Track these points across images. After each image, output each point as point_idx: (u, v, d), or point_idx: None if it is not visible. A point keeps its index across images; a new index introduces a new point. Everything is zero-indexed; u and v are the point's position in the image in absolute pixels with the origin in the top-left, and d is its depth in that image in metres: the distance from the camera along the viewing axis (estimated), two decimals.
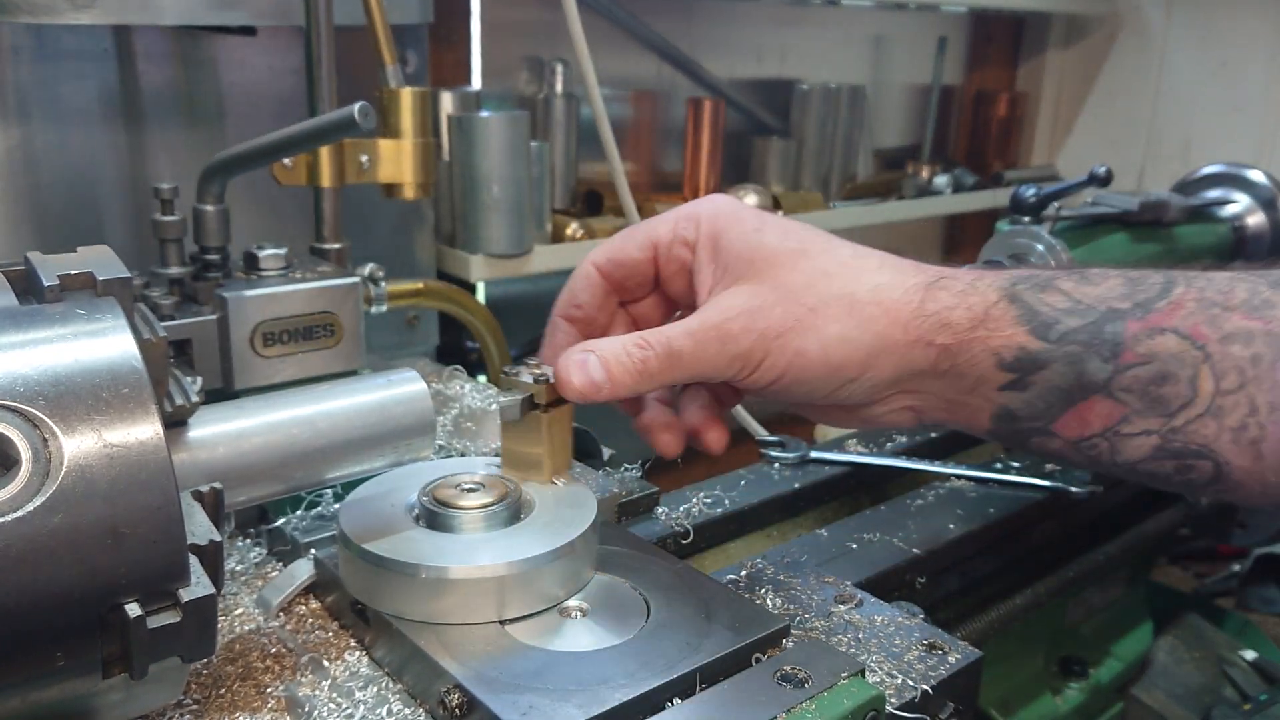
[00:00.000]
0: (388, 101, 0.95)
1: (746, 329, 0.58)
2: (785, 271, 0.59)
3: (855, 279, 0.59)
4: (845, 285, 0.59)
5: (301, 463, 0.57)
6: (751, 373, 0.59)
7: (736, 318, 0.58)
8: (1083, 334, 0.56)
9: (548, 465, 0.62)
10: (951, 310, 0.58)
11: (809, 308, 0.58)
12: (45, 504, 0.40)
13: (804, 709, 0.49)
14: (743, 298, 0.59)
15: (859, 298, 0.58)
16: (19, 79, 0.93)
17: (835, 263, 0.60)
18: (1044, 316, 0.57)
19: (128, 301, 0.48)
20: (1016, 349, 0.56)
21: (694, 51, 1.62)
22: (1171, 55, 1.98)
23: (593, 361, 0.59)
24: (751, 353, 0.58)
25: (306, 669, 0.56)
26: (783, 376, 0.58)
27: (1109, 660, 1.12)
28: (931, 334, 0.57)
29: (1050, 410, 0.57)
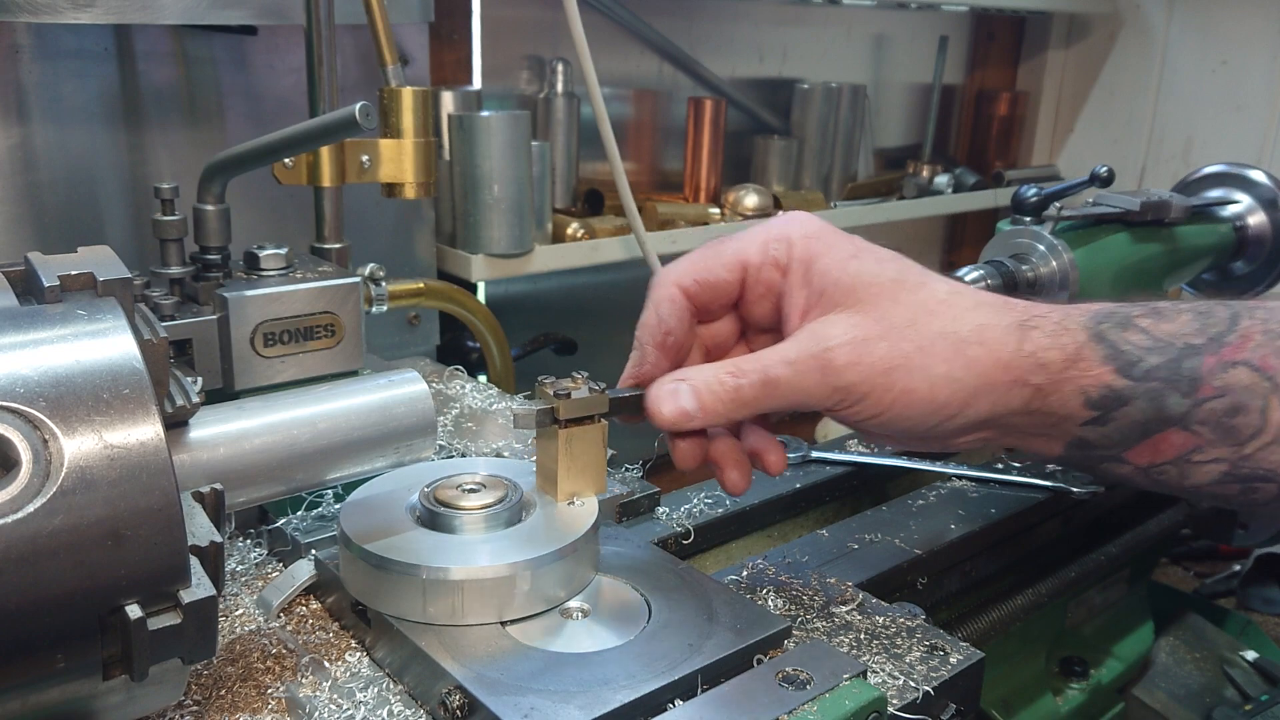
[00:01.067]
0: (389, 101, 0.95)
1: (852, 363, 0.57)
2: (886, 303, 0.59)
3: (957, 318, 0.59)
4: (949, 324, 0.58)
5: (302, 463, 0.57)
6: (851, 406, 0.58)
7: (840, 348, 0.57)
8: (1163, 370, 0.57)
9: (562, 484, 0.61)
10: (1047, 351, 0.58)
11: (916, 346, 0.57)
12: (46, 505, 0.40)
13: (806, 710, 0.49)
14: (844, 328, 0.58)
15: (963, 337, 0.58)
16: (20, 79, 0.93)
17: (935, 299, 0.59)
18: (1128, 355, 0.58)
19: (128, 302, 0.48)
20: (1103, 387, 0.57)
21: (695, 51, 1.62)
22: (1172, 55, 1.98)
23: (684, 391, 0.58)
24: (856, 387, 0.57)
25: (307, 670, 0.56)
26: (884, 412, 0.58)
27: (1110, 661, 1.12)
28: (1029, 374, 0.58)
29: (1125, 441, 0.58)
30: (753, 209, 1.55)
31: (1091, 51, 2.10)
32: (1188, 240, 1.26)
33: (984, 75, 2.16)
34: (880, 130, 1.96)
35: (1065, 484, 0.88)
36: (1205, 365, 0.56)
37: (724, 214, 1.55)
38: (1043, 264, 1.15)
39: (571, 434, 0.59)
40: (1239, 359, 0.56)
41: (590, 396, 0.58)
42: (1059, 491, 0.87)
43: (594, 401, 0.59)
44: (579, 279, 1.56)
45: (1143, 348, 0.58)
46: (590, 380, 0.60)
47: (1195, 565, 1.84)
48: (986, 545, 0.83)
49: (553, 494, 0.61)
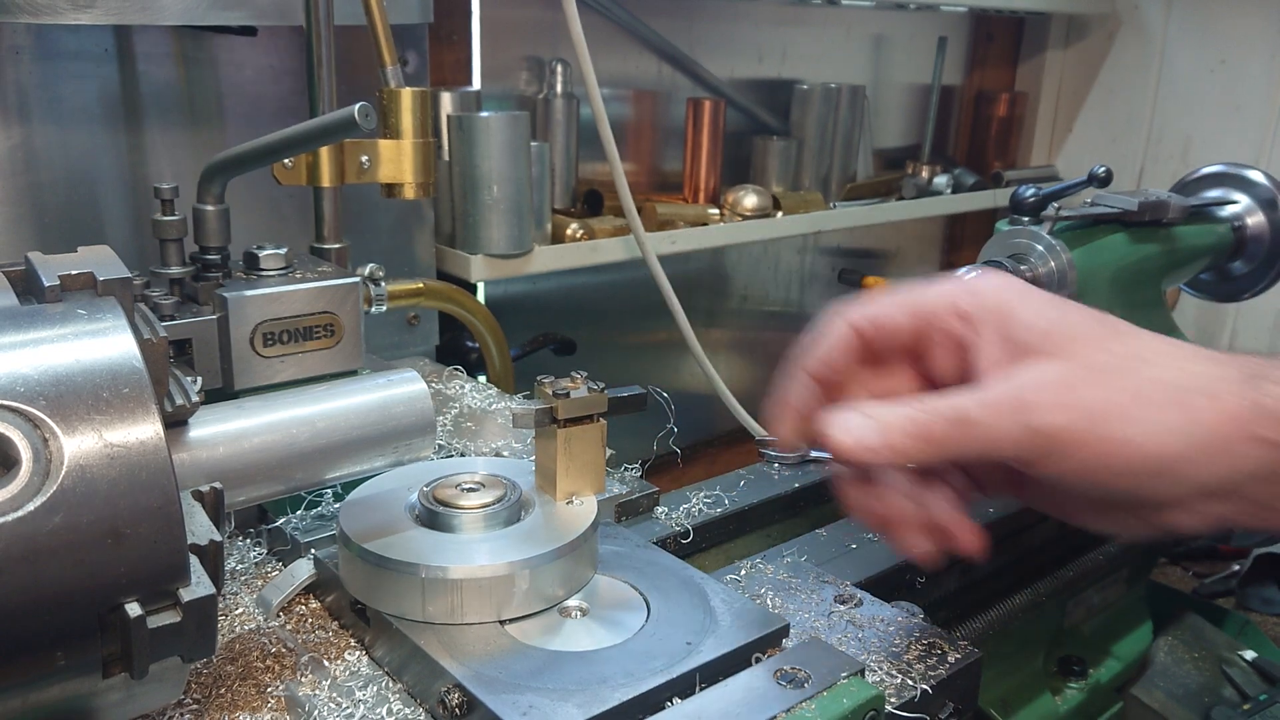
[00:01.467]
0: (388, 101, 0.95)
1: (1057, 404, 0.51)
2: (1093, 350, 0.53)
3: (1176, 367, 0.53)
4: (1166, 372, 0.52)
5: (301, 463, 0.57)
6: (1050, 455, 0.51)
7: (1042, 390, 0.52)
8: None
9: (561, 483, 0.61)
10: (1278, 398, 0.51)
11: (1132, 393, 0.51)
12: (46, 504, 0.40)
13: (804, 708, 0.49)
14: (1046, 372, 0.52)
15: (1185, 386, 0.52)
16: (20, 79, 0.93)
17: (1149, 348, 0.54)
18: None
19: (128, 301, 0.48)
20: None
21: (694, 51, 1.62)
22: (1171, 54, 1.98)
23: (865, 424, 0.53)
24: (1059, 433, 0.51)
25: (306, 668, 0.56)
26: (1089, 465, 0.51)
27: (1108, 660, 1.12)
28: (1267, 429, 0.50)
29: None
30: (752, 209, 1.55)
31: (1090, 52, 2.10)
32: (1186, 240, 1.26)
33: (983, 76, 2.16)
34: (879, 131, 1.96)
35: None
36: None
37: (723, 214, 1.55)
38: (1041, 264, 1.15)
39: (570, 433, 0.60)
40: None
41: (589, 396, 0.59)
42: None
43: (593, 401, 0.59)
44: (578, 279, 1.56)
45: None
46: (589, 380, 0.60)
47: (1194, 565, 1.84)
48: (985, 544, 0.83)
49: (551, 493, 0.61)
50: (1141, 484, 0.51)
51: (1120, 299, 1.17)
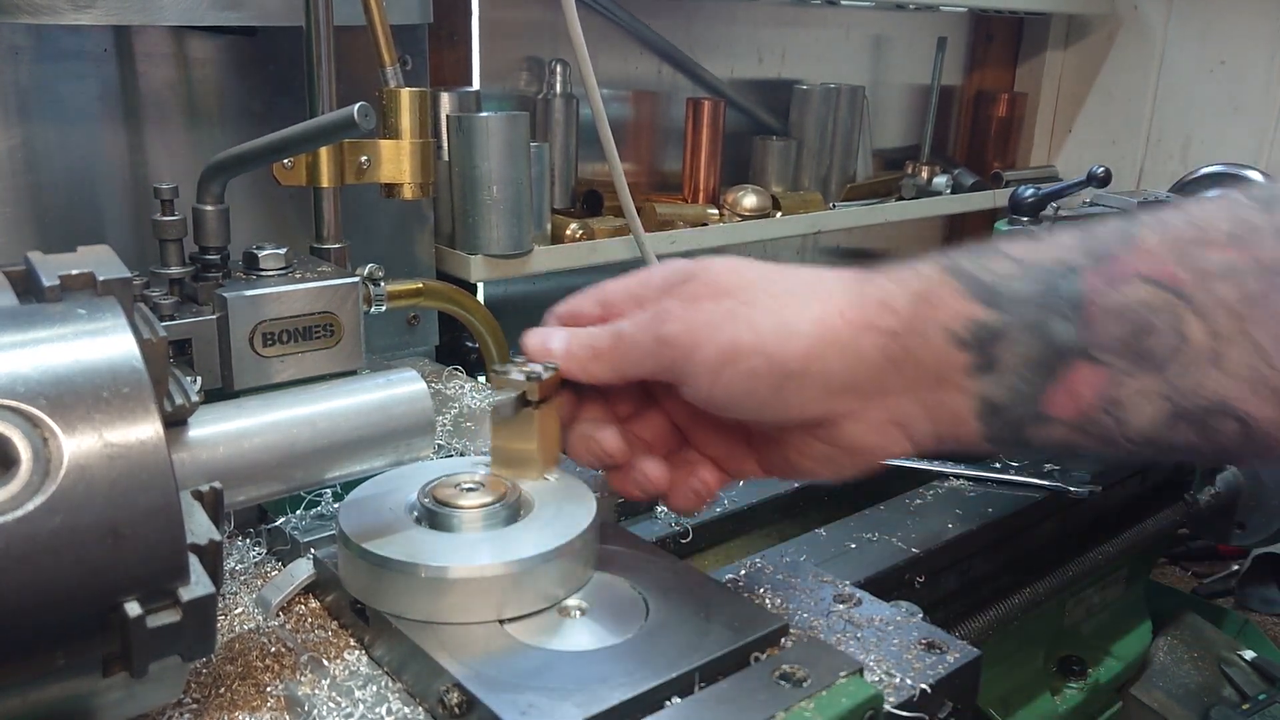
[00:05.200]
0: (387, 101, 0.95)
1: (680, 316, 0.56)
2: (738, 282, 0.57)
3: (788, 277, 0.57)
4: (778, 283, 0.56)
5: (301, 462, 0.57)
6: (675, 363, 0.56)
7: (673, 306, 0.57)
8: (1036, 295, 0.51)
9: (540, 460, 0.62)
10: (889, 292, 0.54)
11: (742, 301, 0.55)
12: (45, 504, 0.40)
13: (803, 708, 0.49)
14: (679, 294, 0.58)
15: (794, 292, 0.55)
16: (19, 79, 0.93)
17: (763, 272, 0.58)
18: (990, 283, 0.52)
19: (128, 301, 0.48)
20: (967, 321, 0.52)
21: (694, 51, 1.62)
22: (1171, 55, 1.98)
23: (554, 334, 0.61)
24: (678, 338, 0.55)
25: (306, 668, 0.56)
26: (719, 374, 0.54)
27: (1108, 660, 1.13)
28: (874, 317, 0.53)
29: (1032, 389, 0.51)
30: (751, 209, 1.55)
31: (1090, 52, 2.10)
32: None
33: (982, 76, 2.16)
34: (879, 131, 1.96)
35: (1063, 483, 0.88)
36: (1087, 284, 0.50)
37: (723, 215, 1.55)
38: None
39: (543, 413, 0.61)
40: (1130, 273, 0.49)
41: (553, 375, 0.60)
42: (1057, 491, 0.88)
43: (554, 379, 0.61)
44: (578, 280, 1.55)
45: (1007, 275, 0.52)
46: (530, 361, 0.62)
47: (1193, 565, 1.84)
48: (984, 544, 0.83)
49: (526, 475, 0.62)
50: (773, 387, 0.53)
51: None
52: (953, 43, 2.00)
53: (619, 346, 0.58)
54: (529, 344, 0.62)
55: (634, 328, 0.58)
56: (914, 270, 0.55)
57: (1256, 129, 1.88)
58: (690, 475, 0.62)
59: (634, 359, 0.58)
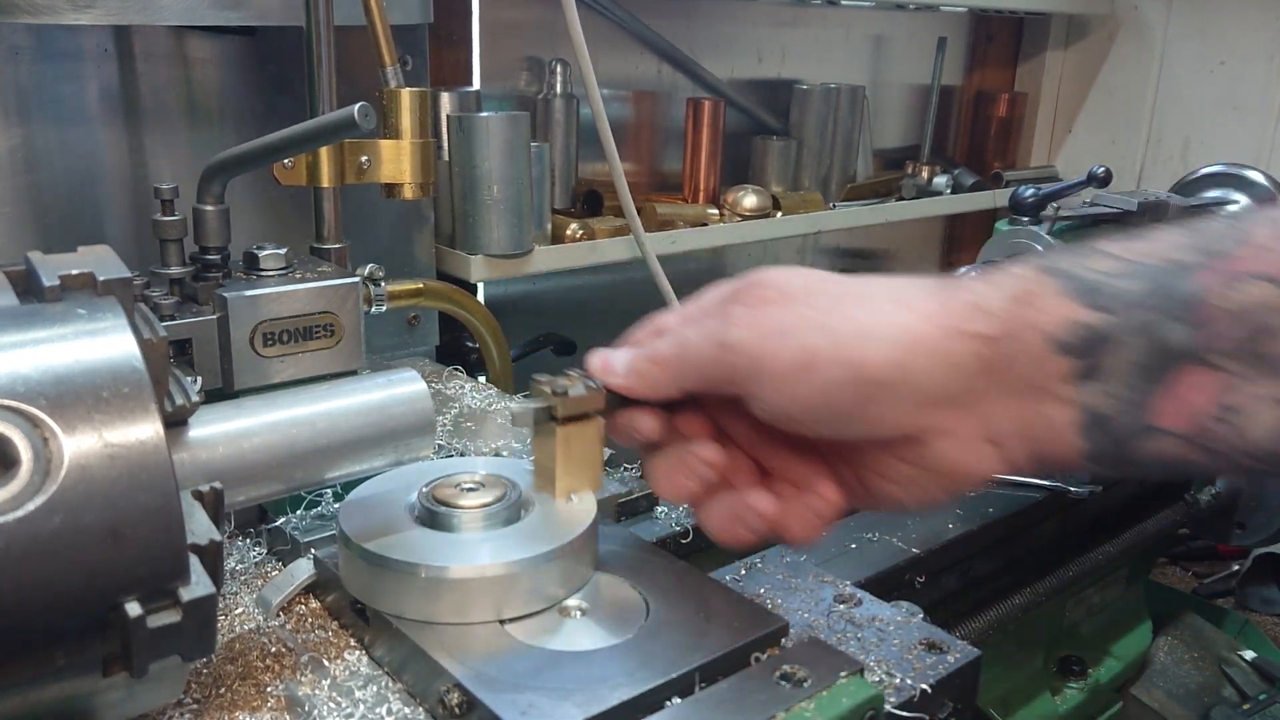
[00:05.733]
0: (388, 102, 0.95)
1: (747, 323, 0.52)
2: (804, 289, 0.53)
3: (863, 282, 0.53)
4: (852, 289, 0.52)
5: (301, 462, 0.57)
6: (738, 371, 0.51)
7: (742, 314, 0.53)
8: (1148, 297, 0.47)
9: (560, 481, 0.60)
10: (981, 294, 0.50)
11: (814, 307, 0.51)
12: (46, 504, 0.40)
13: (803, 708, 0.49)
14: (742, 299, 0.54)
15: (872, 297, 0.51)
16: (19, 79, 0.93)
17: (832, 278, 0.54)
18: (1093, 283, 0.48)
19: (128, 301, 0.48)
20: (1070, 324, 0.47)
21: (694, 51, 1.62)
22: (1171, 55, 1.98)
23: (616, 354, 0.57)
24: (746, 345, 0.51)
25: (306, 668, 0.56)
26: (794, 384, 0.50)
27: (1108, 660, 1.13)
28: (966, 321, 0.49)
29: (1140, 397, 0.47)
30: (751, 209, 1.55)
31: (1090, 52, 2.10)
32: None
33: (982, 76, 2.16)
34: (879, 131, 1.96)
35: (1064, 484, 0.88)
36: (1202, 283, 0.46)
37: (723, 215, 1.55)
38: None
39: (569, 431, 0.59)
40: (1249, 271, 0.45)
41: (587, 395, 0.58)
42: (1057, 491, 0.88)
43: (591, 399, 0.58)
44: (578, 280, 1.56)
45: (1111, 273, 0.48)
46: (586, 377, 0.59)
47: (1194, 565, 1.84)
48: (985, 544, 0.83)
49: (550, 491, 0.60)
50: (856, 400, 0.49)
51: None
52: (953, 43, 2.00)
53: (682, 355, 0.54)
54: (593, 364, 0.58)
55: (698, 335, 0.54)
56: (1007, 271, 0.51)
57: (1256, 129, 1.88)
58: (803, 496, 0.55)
59: (696, 367, 0.54)
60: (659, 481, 0.57)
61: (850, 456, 0.55)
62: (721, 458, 0.56)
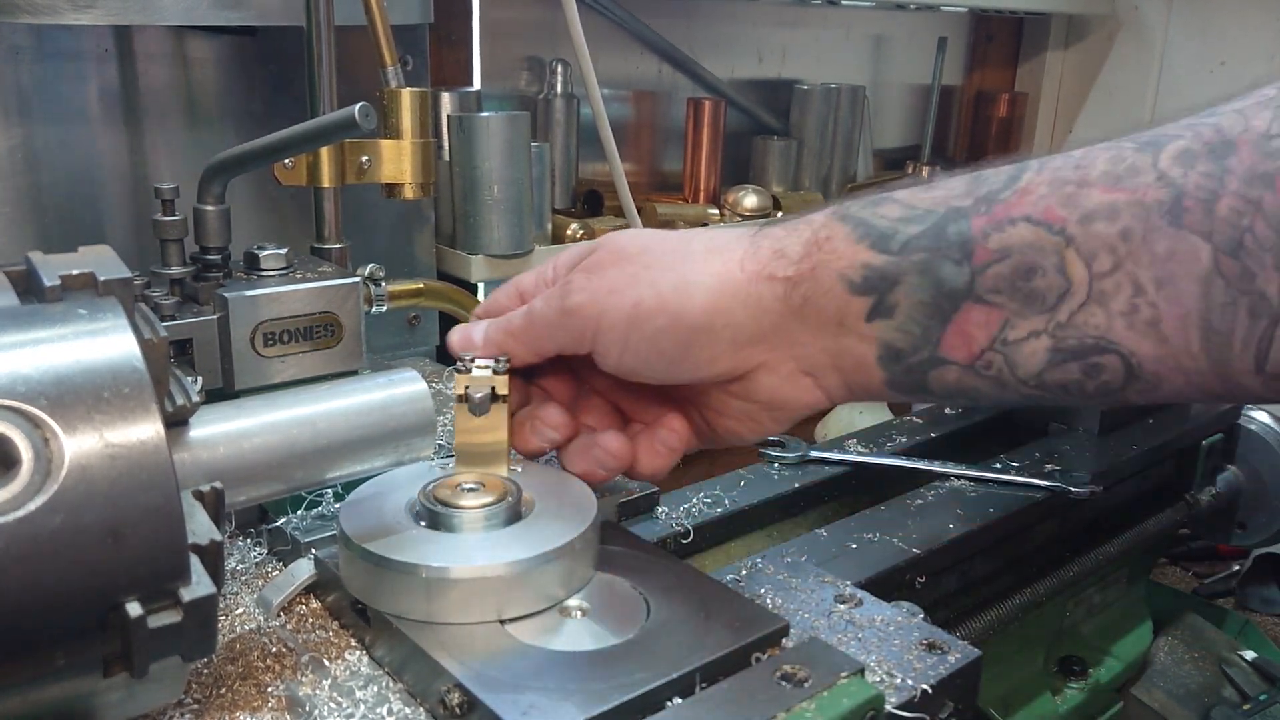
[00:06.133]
0: (388, 102, 0.95)
1: (584, 285, 0.58)
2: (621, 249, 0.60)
3: (689, 239, 0.59)
4: (678, 245, 0.58)
5: (302, 462, 0.57)
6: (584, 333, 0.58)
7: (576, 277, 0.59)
8: (925, 239, 0.52)
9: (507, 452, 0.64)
10: (782, 241, 0.55)
11: (643, 265, 0.57)
12: (46, 504, 0.40)
13: (803, 708, 0.49)
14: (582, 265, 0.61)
15: (693, 251, 0.57)
16: (19, 79, 0.93)
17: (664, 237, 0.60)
18: (879, 228, 0.53)
19: (129, 301, 0.48)
20: (861, 266, 0.53)
21: (694, 51, 1.62)
22: (1171, 55, 1.98)
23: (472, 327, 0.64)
24: (583, 309, 0.57)
25: (307, 668, 0.56)
26: (627, 338, 0.56)
27: (1109, 660, 1.12)
28: (769, 266, 0.55)
29: (928, 333, 0.52)
30: (752, 209, 1.55)
31: (1090, 52, 2.10)
32: None
33: (983, 76, 2.16)
34: (879, 131, 1.96)
35: (1064, 484, 0.88)
36: (974, 226, 0.51)
37: (723, 214, 1.55)
38: None
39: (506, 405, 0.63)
40: (1016, 214, 0.50)
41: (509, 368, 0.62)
42: (1057, 491, 0.88)
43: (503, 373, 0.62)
44: None
45: (896, 218, 0.53)
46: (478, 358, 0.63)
47: (1194, 565, 1.84)
48: (985, 545, 0.83)
49: (495, 468, 0.63)
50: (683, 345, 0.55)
51: None
52: (953, 43, 2.00)
53: (531, 324, 0.60)
54: (453, 341, 0.64)
55: (542, 303, 0.60)
56: (806, 219, 0.56)
57: None
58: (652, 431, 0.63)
59: (546, 334, 0.60)
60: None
61: (693, 398, 0.61)
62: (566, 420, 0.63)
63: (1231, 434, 1.15)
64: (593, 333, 0.57)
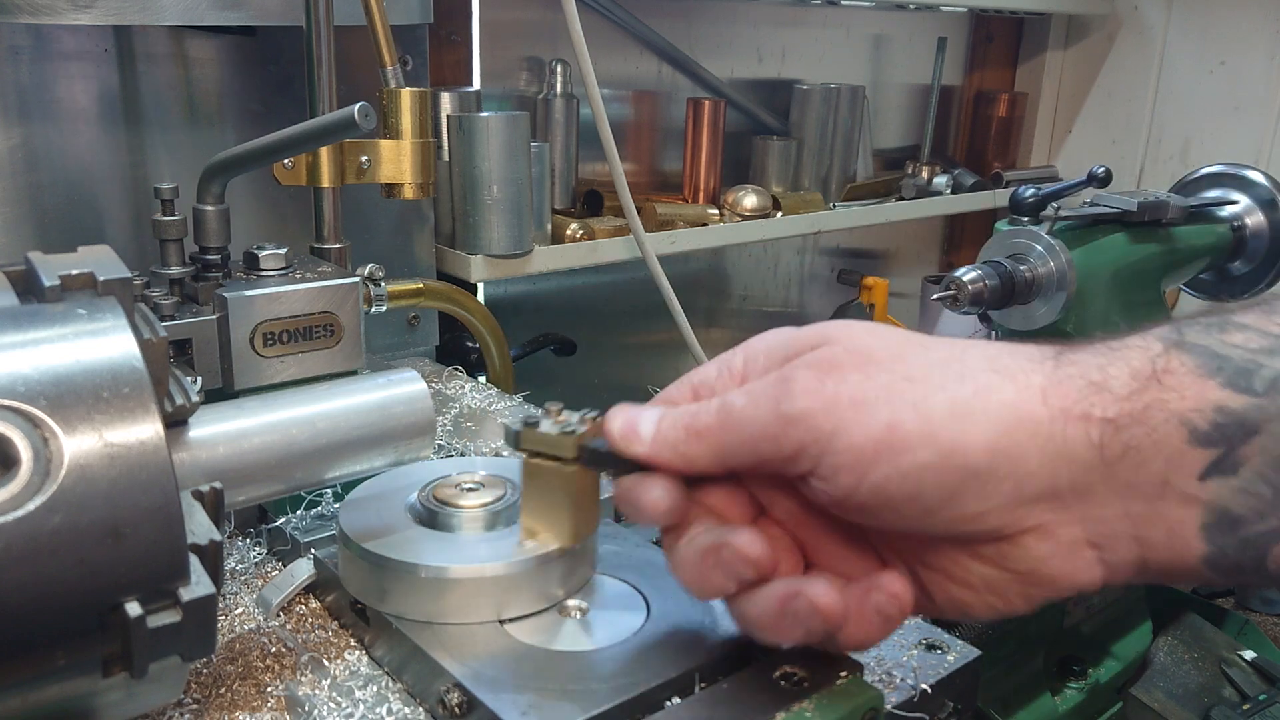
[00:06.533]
0: (388, 102, 0.95)
1: (810, 391, 0.43)
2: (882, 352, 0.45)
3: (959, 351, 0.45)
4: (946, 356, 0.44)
5: (301, 462, 0.57)
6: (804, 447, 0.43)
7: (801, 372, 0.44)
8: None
9: (571, 526, 0.54)
10: (1103, 368, 0.42)
11: (901, 375, 0.43)
12: (46, 504, 0.40)
13: (803, 708, 0.49)
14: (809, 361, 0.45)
15: (968, 365, 0.43)
16: (19, 79, 0.93)
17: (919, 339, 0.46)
18: (1236, 360, 0.40)
19: (128, 301, 0.48)
20: (1213, 410, 0.40)
21: (694, 51, 1.62)
22: (1170, 55, 1.98)
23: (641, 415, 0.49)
24: (811, 415, 0.43)
25: (306, 668, 0.56)
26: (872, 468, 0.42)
27: (1108, 660, 1.13)
28: (1084, 402, 0.41)
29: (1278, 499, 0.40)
30: (752, 209, 1.55)
31: (1090, 52, 2.10)
32: (1185, 240, 1.26)
33: (982, 76, 2.16)
34: (879, 131, 1.97)
35: None
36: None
37: (723, 215, 1.55)
38: (1040, 264, 1.15)
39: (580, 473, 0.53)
40: None
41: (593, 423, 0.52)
42: None
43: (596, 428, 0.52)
44: (578, 279, 1.56)
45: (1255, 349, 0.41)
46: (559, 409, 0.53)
47: None
48: None
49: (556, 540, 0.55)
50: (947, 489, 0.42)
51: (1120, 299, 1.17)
52: (953, 43, 2.00)
53: (728, 424, 0.45)
54: (612, 426, 0.49)
55: (748, 400, 0.45)
56: (1125, 342, 0.43)
57: (1256, 129, 1.88)
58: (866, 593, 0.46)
59: (747, 440, 0.45)
60: (685, 573, 0.48)
61: (914, 552, 0.47)
62: (767, 553, 0.46)
63: None
64: (819, 453, 0.43)
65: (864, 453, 0.42)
